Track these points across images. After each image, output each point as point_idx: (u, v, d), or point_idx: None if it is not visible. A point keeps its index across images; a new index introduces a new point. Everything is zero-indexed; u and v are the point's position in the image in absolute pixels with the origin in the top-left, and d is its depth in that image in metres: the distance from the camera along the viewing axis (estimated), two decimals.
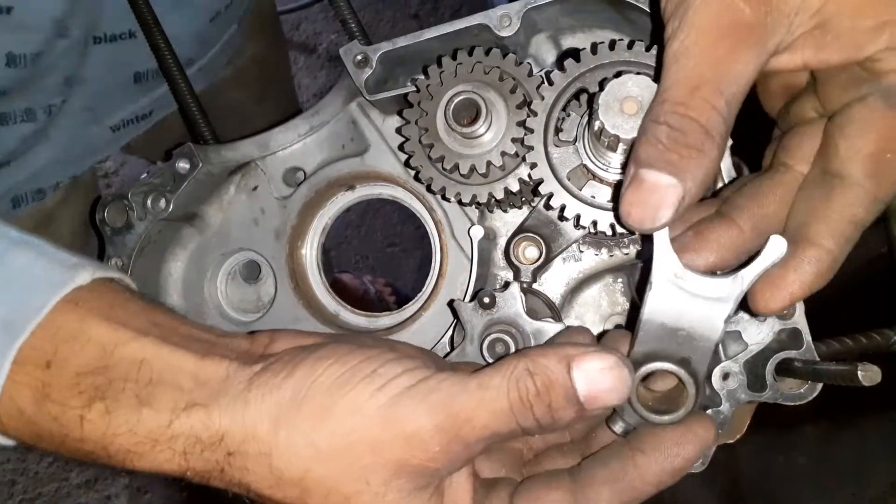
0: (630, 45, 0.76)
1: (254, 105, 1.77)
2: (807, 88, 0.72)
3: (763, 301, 0.66)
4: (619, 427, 0.70)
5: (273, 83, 1.89)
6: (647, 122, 0.61)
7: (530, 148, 0.78)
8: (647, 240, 0.82)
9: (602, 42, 0.77)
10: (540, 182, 0.78)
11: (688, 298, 0.64)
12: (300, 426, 0.60)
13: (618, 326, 0.93)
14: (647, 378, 0.68)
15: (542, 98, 0.78)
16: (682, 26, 0.61)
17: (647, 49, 0.76)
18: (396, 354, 0.65)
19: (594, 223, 0.77)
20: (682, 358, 0.65)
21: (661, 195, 0.58)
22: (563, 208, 0.78)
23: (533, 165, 0.78)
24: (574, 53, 0.78)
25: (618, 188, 0.78)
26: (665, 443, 0.66)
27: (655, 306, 0.65)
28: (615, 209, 0.71)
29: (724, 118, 0.59)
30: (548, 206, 0.79)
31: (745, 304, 0.68)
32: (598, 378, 0.61)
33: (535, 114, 0.78)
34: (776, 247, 0.64)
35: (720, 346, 0.82)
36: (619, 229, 0.77)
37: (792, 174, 0.70)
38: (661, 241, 0.64)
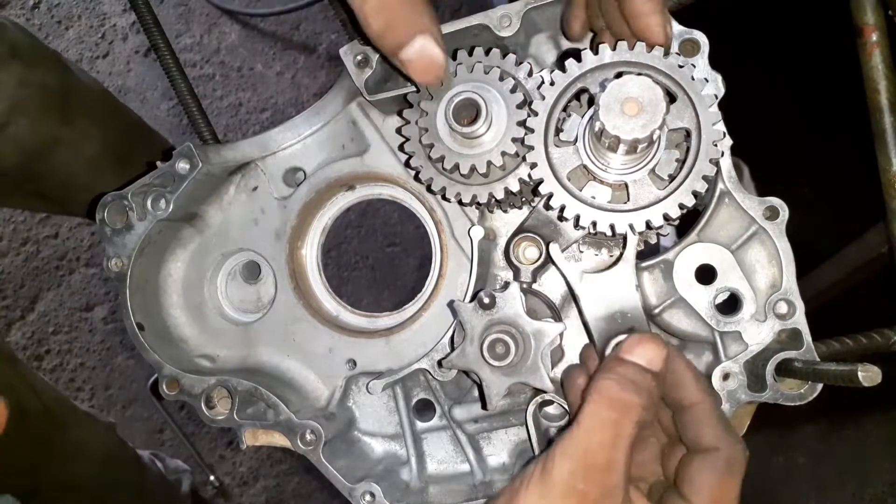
0: (632, 46, 0.76)
1: None
2: None
3: None
4: None
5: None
6: None
7: (530, 148, 0.78)
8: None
9: (603, 42, 0.77)
10: (540, 182, 0.78)
11: (603, 292, 0.82)
12: None
13: None
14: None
15: (543, 98, 0.78)
16: None
17: (649, 50, 0.76)
18: None
19: (594, 223, 0.77)
20: (629, 328, 0.82)
21: (427, 53, 0.73)
22: (562, 208, 0.78)
23: (533, 165, 0.78)
24: (575, 54, 0.78)
25: (617, 188, 0.78)
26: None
27: (589, 310, 0.83)
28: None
29: None
30: (548, 206, 0.79)
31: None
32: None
33: (536, 114, 0.78)
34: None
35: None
36: (618, 229, 0.77)
37: None
38: (564, 267, 0.83)
